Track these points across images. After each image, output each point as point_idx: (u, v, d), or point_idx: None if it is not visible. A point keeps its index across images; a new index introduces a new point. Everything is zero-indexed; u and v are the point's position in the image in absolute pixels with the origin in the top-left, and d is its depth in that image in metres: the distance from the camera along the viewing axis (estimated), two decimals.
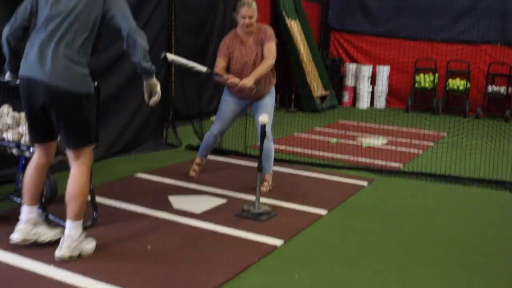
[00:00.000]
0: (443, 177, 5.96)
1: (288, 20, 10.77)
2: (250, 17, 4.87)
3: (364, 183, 5.61)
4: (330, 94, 11.59)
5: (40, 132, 3.38)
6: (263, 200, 4.69)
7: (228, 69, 5.02)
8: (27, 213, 3.42)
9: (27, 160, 3.72)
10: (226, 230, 4.02)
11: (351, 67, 12.29)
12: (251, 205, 4.43)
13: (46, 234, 3.47)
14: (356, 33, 12.67)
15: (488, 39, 11.45)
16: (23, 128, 3.82)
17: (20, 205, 3.59)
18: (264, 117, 4.33)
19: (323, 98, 11.41)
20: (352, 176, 5.88)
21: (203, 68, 4.78)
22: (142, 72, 3.43)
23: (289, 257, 3.63)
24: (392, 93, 12.38)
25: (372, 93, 12.31)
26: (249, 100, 5.16)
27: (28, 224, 3.41)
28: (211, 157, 6.01)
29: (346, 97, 12.30)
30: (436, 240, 4.12)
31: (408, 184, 5.76)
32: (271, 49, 4.91)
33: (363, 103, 12.11)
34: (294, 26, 11.08)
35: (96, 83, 3.79)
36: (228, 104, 5.16)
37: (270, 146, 5.07)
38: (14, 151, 3.86)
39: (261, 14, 10.46)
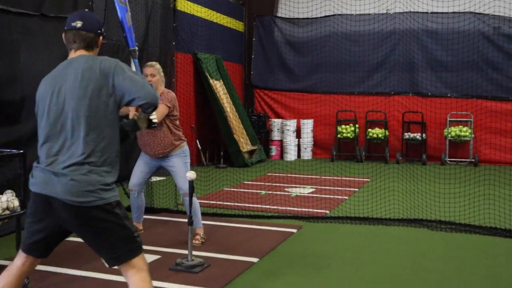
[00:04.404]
0: (366, 219, 6.31)
1: (211, 81, 11.18)
2: (152, 75, 5.29)
3: (293, 230, 5.84)
4: (258, 149, 11.95)
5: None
6: (196, 253, 4.82)
7: None
8: None
9: None
10: (159, 284, 4.10)
11: (276, 122, 12.77)
12: (184, 259, 4.55)
13: None
14: (278, 90, 13.26)
15: (400, 90, 12.35)
16: None
17: None
18: (191, 174, 4.53)
19: (251, 152, 11.74)
20: (281, 224, 6.11)
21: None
22: None
23: None
24: (317, 144, 12.93)
25: (298, 146, 12.79)
26: (157, 160, 5.40)
27: None
28: (144, 216, 6.10)
29: (274, 151, 12.71)
30: (360, 277, 4.38)
31: (334, 228, 6.05)
32: (157, 109, 5.19)
33: (290, 155, 12.54)
34: (218, 86, 11.49)
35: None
36: (139, 161, 5.54)
37: (193, 201, 5.25)
38: None
39: (185, 76, 10.88)
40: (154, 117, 3.11)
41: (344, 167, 10.17)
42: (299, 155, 12.82)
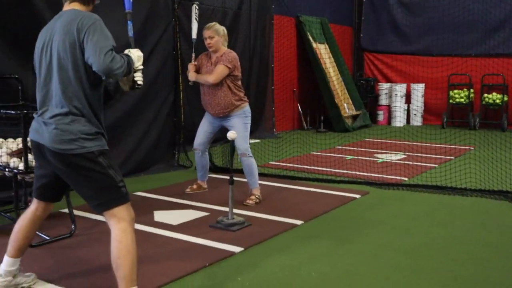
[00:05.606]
0: (441, 188, 5.91)
1: (315, 44, 11.00)
2: (211, 38, 5.29)
3: (357, 196, 5.67)
4: (362, 114, 11.60)
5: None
6: (245, 212, 4.91)
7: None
8: (9, 265, 3.21)
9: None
10: (193, 239, 4.25)
11: (384, 86, 12.27)
12: (225, 217, 4.64)
13: (24, 282, 3.32)
14: (388, 53, 12.69)
15: None
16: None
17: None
18: (231, 133, 4.59)
19: (354, 117, 11.46)
20: (347, 189, 5.95)
21: (194, 34, 5.72)
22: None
23: (242, 263, 3.80)
24: (428, 110, 12.25)
25: (408, 111, 12.22)
26: (219, 119, 5.48)
27: (7, 275, 3.22)
28: (216, 175, 6.35)
29: (381, 116, 12.27)
30: (396, 246, 4.14)
31: (403, 196, 5.74)
32: (216, 69, 5.26)
33: (398, 121, 12.04)
34: (322, 49, 11.28)
35: None
36: (203, 121, 5.65)
37: (250, 162, 5.32)
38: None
39: (286, 40, 10.78)
40: (139, 78, 3.14)
41: (453, 134, 9.53)
42: (408, 121, 12.26)
